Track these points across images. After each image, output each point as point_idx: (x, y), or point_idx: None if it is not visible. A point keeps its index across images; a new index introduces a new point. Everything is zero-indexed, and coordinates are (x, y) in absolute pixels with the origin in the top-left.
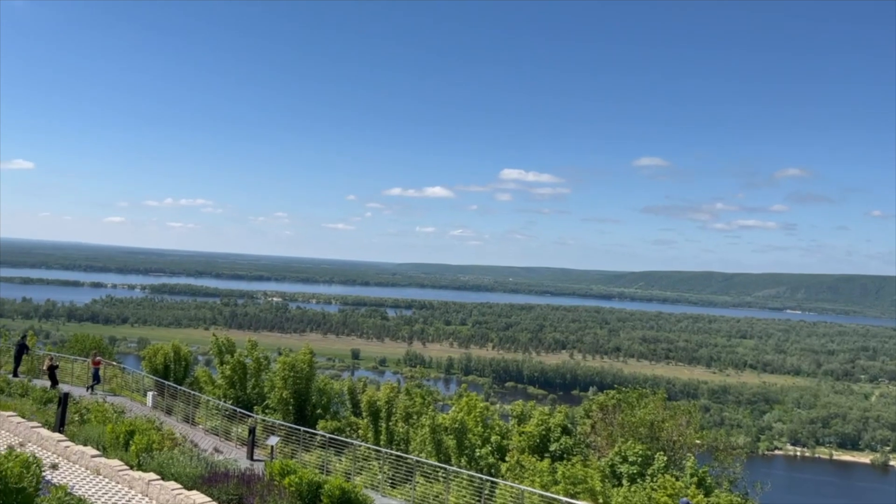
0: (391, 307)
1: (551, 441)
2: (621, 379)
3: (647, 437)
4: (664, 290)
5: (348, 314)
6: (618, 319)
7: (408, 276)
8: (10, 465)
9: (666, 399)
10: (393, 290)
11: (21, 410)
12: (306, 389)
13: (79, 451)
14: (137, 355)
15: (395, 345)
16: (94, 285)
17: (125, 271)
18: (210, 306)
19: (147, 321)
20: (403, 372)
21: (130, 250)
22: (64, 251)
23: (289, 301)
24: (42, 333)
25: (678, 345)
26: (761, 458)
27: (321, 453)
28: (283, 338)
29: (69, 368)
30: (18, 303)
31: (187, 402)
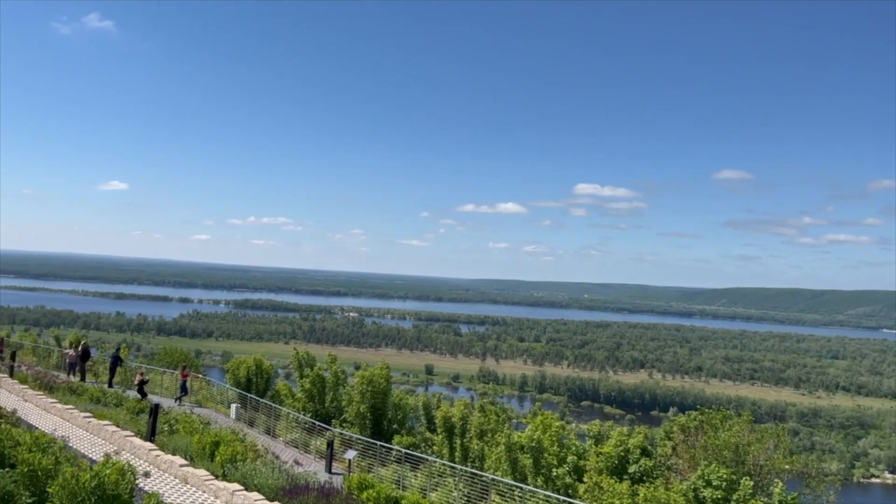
0: (464, 323)
1: (630, 463)
2: (703, 399)
3: (731, 461)
4: (748, 308)
5: (422, 330)
6: (699, 338)
7: (481, 292)
8: (108, 472)
9: (752, 421)
10: (466, 306)
11: (116, 420)
12: (383, 404)
13: (168, 460)
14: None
15: (469, 361)
16: (181, 300)
17: (211, 287)
18: (290, 321)
19: (231, 335)
20: (477, 388)
21: (216, 267)
22: (154, 268)
23: (365, 316)
24: (134, 346)
25: (764, 365)
26: (857, 485)
27: (397, 468)
28: (359, 352)
29: (159, 380)
30: (113, 317)
31: (268, 415)
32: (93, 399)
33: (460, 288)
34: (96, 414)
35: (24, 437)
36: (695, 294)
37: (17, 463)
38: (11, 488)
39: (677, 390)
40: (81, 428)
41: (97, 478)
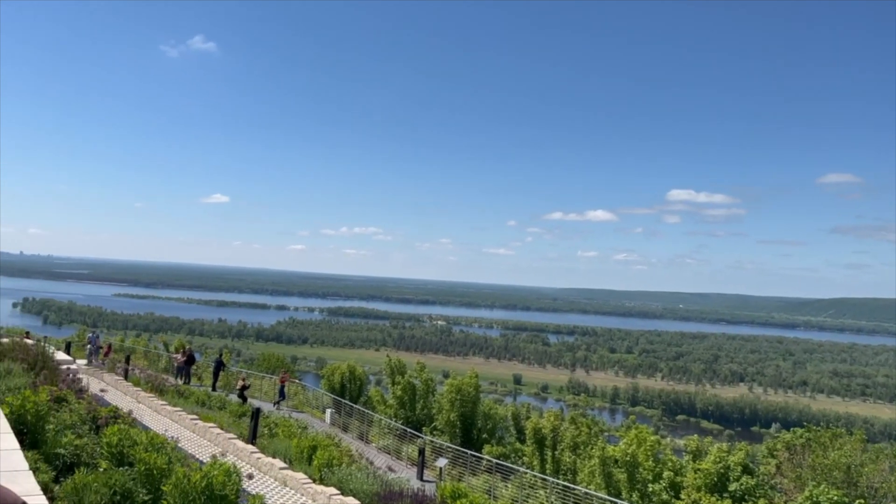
0: (553, 333)
1: (731, 480)
2: (809, 416)
3: (842, 482)
4: (858, 319)
5: (510, 339)
6: (804, 350)
7: (569, 301)
8: (216, 473)
9: (865, 441)
10: (554, 316)
11: (220, 422)
12: (472, 413)
13: (268, 463)
14: (316, 373)
15: (557, 371)
16: (278, 308)
17: (306, 295)
18: (380, 328)
19: (324, 342)
20: (566, 400)
21: (310, 275)
22: (253, 277)
23: (452, 324)
24: (235, 351)
25: (877, 380)
26: None
27: (488, 478)
28: (447, 360)
29: (258, 385)
30: (215, 323)
31: (361, 421)
32: (198, 402)
33: (548, 297)
34: (202, 416)
35: (141, 437)
36: (799, 304)
37: (134, 462)
38: (130, 486)
39: (780, 406)
40: (189, 429)
41: (206, 478)
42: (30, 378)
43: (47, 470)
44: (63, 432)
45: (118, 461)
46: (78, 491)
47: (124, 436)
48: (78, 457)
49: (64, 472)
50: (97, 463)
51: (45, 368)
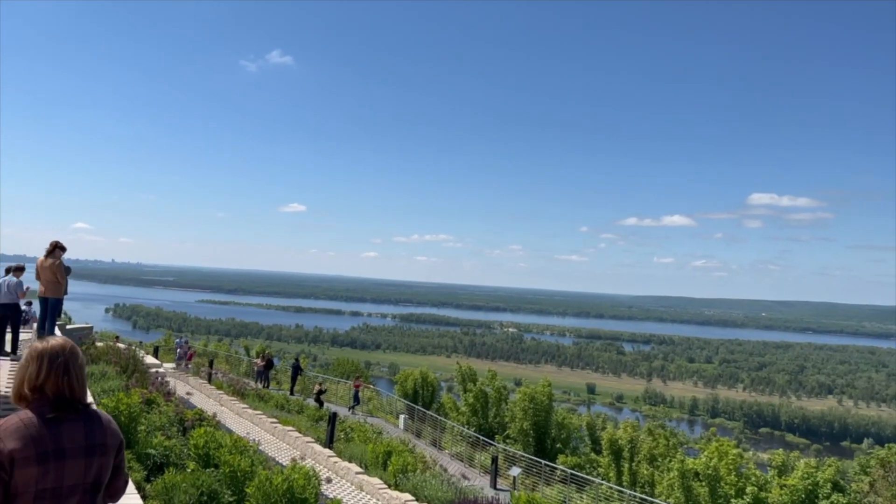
0: (628, 341)
1: (820, 498)
2: None
3: None
4: None
5: (583, 347)
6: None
7: (645, 309)
8: (296, 476)
9: None
10: (629, 324)
11: (298, 426)
12: (545, 422)
13: (345, 467)
14: (389, 379)
15: (633, 381)
16: (352, 314)
17: (378, 301)
18: (451, 335)
19: (397, 347)
20: (643, 410)
21: (383, 282)
22: (328, 283)
23: (523, 332)
24: (311, 356)
25: None
26: None
27: (562, 488)
28: (518, 368)
29: (334, 389)
30: (292, 329)
31: (434, 427)
32: (277, 405)
33: (623, 305)
34: (281, 420)
35: (225, 439)
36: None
37: (220, 463)
38: (216, 487)
39: (873, 420)
40: (268, 432)
41: (287, 481)
42: (122, 381)
43: (139, 469)
44: (153, 433)
45: (204, 462)
46: (168, 490)
47: (210, 438)
48: (167, 457)
49: (154, 471)
50: (185, 464)
51: (136, 371)
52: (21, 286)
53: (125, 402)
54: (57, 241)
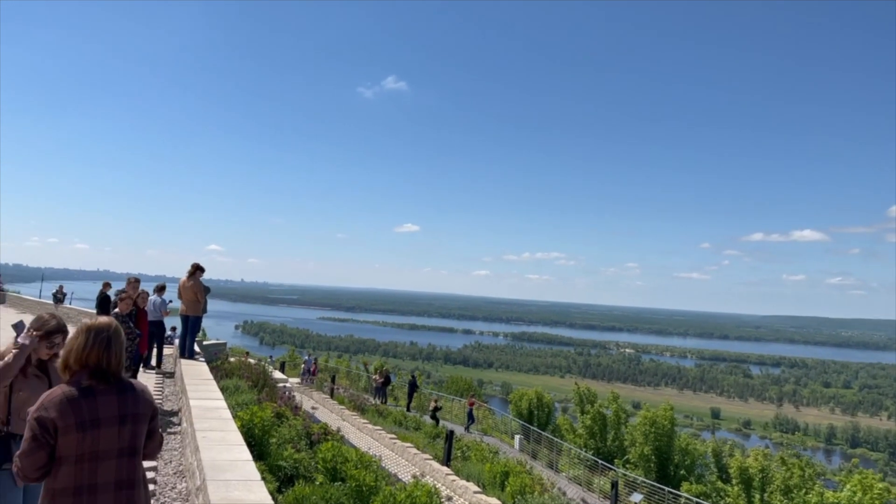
0: (755, 364)
1: None
2: None
3: None
4: None
5: (706, 369)
6: None
7: (774, 329)
8: (419, 493)
9: None
10: (756, 345)
11: (416, 443)
12: (668, 447)
13: (463, 486)
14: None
15: (762, 406)
16: (464, 332)
17: (490, 319)
18: (564, 355)
19: (509, 366)
20: (773, 437)
21: (494, 300)
22: (441, 301)
23: (641, 353)
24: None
25: None
26: None
27: None
28: (636, 390)
29: (449, 407)
30: (407, 346)
31: (550, 449)
32: (395, 422)
33: (749, 325)
34: (399, 436)
35: (351, 453)
36: None
37: (346, 477)
38: (343, 500)
39: None
40: (388, 448)
41: (410, 498)
42: (254, 395)
43: (272, 480)
44: (284, 446)
45: (331, 476)
46: (299, 501)
47: (337, 452)
48: (296, 469)
49: (285, 483)
50: (313, 476)
51: (265, 386)
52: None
53: (259, 416)
54: (198, 263)
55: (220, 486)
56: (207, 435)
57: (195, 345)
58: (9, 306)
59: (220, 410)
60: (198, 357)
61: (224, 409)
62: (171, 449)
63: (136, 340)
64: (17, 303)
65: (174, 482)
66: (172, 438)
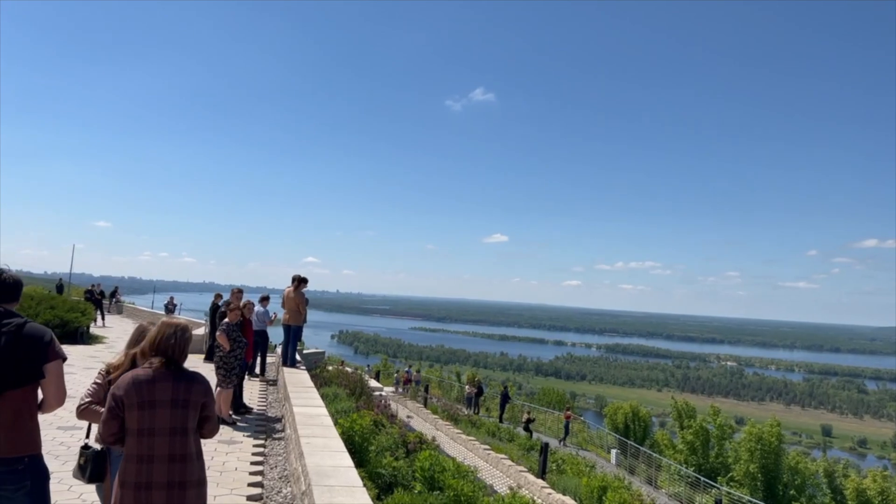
0: (870, 378)
1: None
2: None
3: None
4: None
5: (815, 384)
6: None
7: (891, 342)
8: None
9: None
10: (872, 359)
11: (510, 454)
12: (775, 465)
13: (559, 500)
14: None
15: (879, 424)
16: (555, 343)
17: (582, 331)
18: (661, 367)
19: (603, 379)
20: (892, 458)
21: (586, 311)
22: (531, 312)
23: (744, 366)
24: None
25: None
26: None
27: None
28: (738, 405)
29: (542, 419)
30: (497, 356)
31: (648, 464)
32: (488, 432)
33: (864, 337)
34: (493, 447)
35: (448, 463)
36: None
37: (443, 486)
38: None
39: None
40: (482, 459)
41: None
42: (352, 402)
43: (372, 487)
44: (382, 453)
45: (429, 485)
46: None
47: (434, 461)
48: (395, 477)
49: (384, 490)
50: (411, 485)
51: (363, 394)
52: (268, 315)
53: (359, 424)
54: (301, 275)
55: (325, 492)
56: (311, 441)
57: (297, 354)
58: (125, 316)
59: (321, 417)
60: (299, 366)
61: (325, 416)
62: (275, 454)
63: (243, 349)
64: (133, 313)
65: (279, 486)
66: (277, 444)
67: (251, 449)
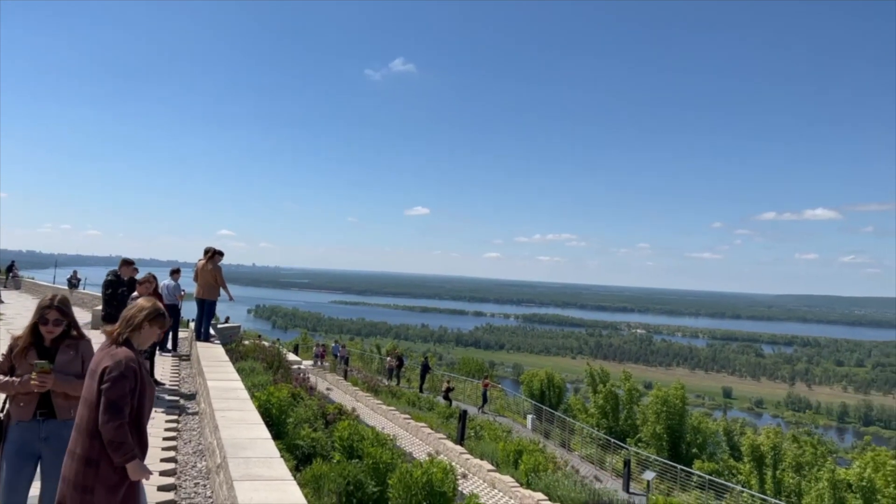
0: (767, 343)
1: None
2: None
3: None
4: None
5: (718, 349)
6: None
7: (786, 308)
8: (435, 470)
9: None
10: (769, 325)
11: (430, 423)
12: (679, 426)
13: (477, 464)
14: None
15: (773, 385)
16: (475, 314)
17: (501, 302)
18: (575, 336)
19: (520, 348)
20: (785, 416)
21: (505, 282)
22: (452, 284)
23: (653, 333)
24: (437, 355)
25: None
26: None
27: (699, 494)
28: (647, 370)
29: (461, 388)
30: (419, 328)
31: (563, 428)
32: (409, 402)
33: (761, 304)
34: (413, 416)
35: (367, 432)
36: None
37: (363, 455)
38: (361, 477)
39: None
40: (402, 428)
41: (426, 475)
42: (269, 376)
43: (290, 458)
44: (300, 425)
45: (348, 454)
46: (317, 479)
47: (353, 431)
48: (314, 448)
49: (303, 461)
50: (330, 455)
51: (280, 368)
52: (179, 289)
53: (276, 396)
54: (213, 247)
55: (241, 464)
56: (226, 415)
57: (211, 328)
58: (24, 292)
59: (237, 391)
60: (213, 340)
61: (242, 389)
62: (189, 429)
63: None
64: (33, 288)
65: (194, 461)
66: (191, 419)
67: (164, 424)
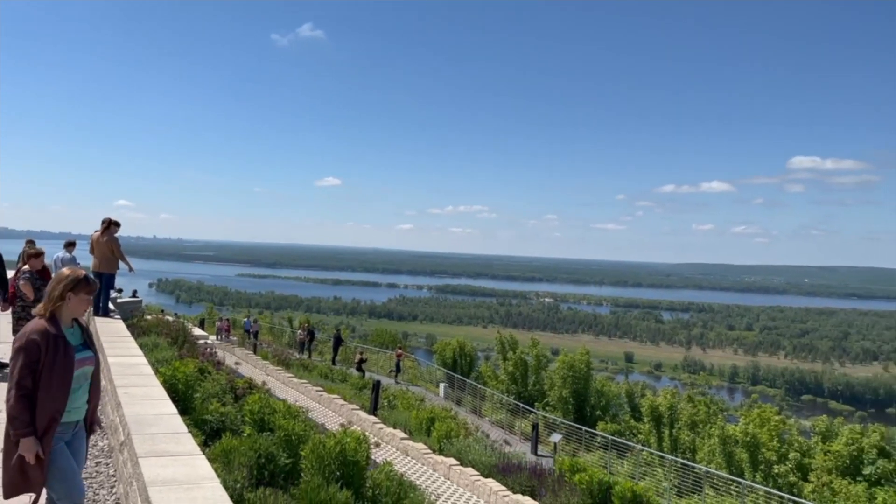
0: (666, 310)
1: (864, 464)
2: None
3: None
4: None
5: (620, 316)
6: None
7: (684, 277)
8: (348, 440)
9: None
10: (668, 292)
11: (343, 394)
12: (584, 389)
13: (390, 433)
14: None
15: (672, 349)
16: (389, 286)
17: (414, 273)
18: (487, 306)
19: (433, 318)
20: (682, 378)
21: (418, 254)
22: (365, 256)
23: (560, 302)
24: (350, 328)
25: None
26: None
27: (603, 454)
28: (555, 337)
29: (374, 359)
30: (331, 301)
31: (474, 395)
32: (321, 375)
33: (661, 273)
34: (326, 388)
35: (278, 405)
36: None
37: (274, 428)
38: (272, 450)
39: None
40: (314, 400)
41: (339, 445)
42: (174, 351)
43: (198, 434)
44: (209, 400)
45: (259, 427)
46: (227, 453)
47: (265, 404)
48: (223, 423)
49: (212, 436)
50: (240, 429)
51: (185, 342)
52: (74, 261)
53: (181, 371)
54: (111, 217)
55: (146, 440)
56: (129, 391)
57: (110, 303)
58: None
59: (140, 367)
60: (113, 315)
61: (145, 365)
62: None
63: None
64: None
65: (96, 440)
66: None
67: None
